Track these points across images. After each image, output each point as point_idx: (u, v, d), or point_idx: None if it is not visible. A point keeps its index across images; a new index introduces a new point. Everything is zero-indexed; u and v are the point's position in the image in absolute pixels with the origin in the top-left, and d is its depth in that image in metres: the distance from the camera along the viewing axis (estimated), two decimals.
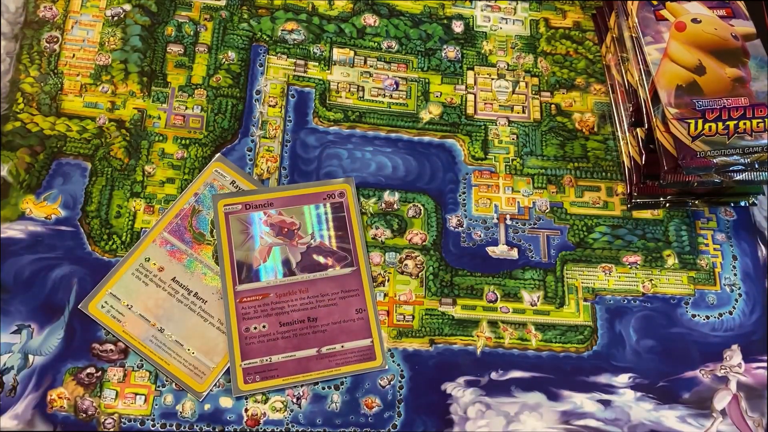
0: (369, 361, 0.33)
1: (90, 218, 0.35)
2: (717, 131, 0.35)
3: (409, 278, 0.37)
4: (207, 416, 0.33)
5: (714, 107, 0.35)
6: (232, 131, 0.38)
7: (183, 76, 0.38)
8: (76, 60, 0.38)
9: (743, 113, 0.35)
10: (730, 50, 0.37)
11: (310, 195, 0.35)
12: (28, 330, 0.33)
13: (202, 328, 0.32)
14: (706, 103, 0.35)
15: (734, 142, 0.35)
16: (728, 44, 0.37)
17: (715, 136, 0.35)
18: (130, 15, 0.39)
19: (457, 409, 0.35)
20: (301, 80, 0.39)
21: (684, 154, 0.34)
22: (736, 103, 0.35)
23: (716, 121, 0.35)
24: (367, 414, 0.34)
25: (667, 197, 0.38)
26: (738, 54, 0.37)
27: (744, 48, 0.37)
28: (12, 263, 0.34)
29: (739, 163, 0.35)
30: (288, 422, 0.33)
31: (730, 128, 0.35)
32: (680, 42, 0.37)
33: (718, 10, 0.38)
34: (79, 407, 0.32)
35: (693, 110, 0.35)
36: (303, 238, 0.34)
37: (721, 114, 0.35)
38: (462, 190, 0.39)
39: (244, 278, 0.32)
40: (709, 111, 0.35)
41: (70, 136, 0.36)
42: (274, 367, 0.32)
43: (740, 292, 0.38)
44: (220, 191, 0.33)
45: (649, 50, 0.37)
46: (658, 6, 0.38)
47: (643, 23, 0.37)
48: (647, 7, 0.38)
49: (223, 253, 0.32)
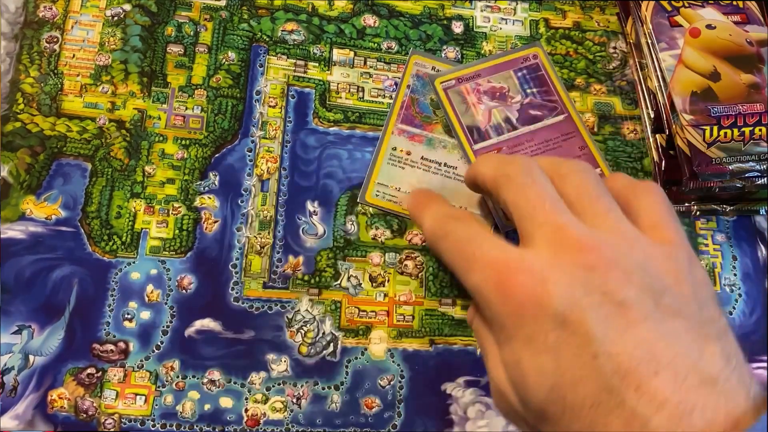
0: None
1: (90, 219, 0.35)
2: (732, 138, 0.35)
3: (409, 279, 0.37)
4: (207, 416, 0.33)
5: (729, 113, 0.35)
6: (232, 132, 0.38)
7: (183, 76, 0.38)
8: (76, 60, 0.38)
9: (758, 119, 0.35)
10: (745, 56, 0.36)
11: (508, 62, 0.39)
12: (28, 330, 0.33)
13: (461, 189, 0.37)
14: (721, 110, 0.35)
15: (749, 148, 0.35)
16: (743, 50, 0.37)
17: (730, 143, 0.35)
18: (130, 15, 0.39)
19: (457, 409, 0.35)
20: (301, 81, 0.39)
21: (699, 160, 0.34)
22: (751, 110, 0.35)
23: (731, 128, 0.35)
24: (367, 414, 0.34)
25: (692, 204, 0.38)
26: (753, 60, 0.36)
27: (759, 54, 0.37)
28: (12, 264, 0.34)
29: (754, 170, 0.35)
30: (288, 422, 0.33)
31: (746, 134, 0.35)
32: (695, 48, 0.37)
33: (732, 15, 0.38)
34: (80, 407, 0.32)
35: (708, 117, 0.35)
36: (514, 98, 0.38)
37: (737, 120, 0.35)
38: None
39: (477, 139, 0.37)
40: (724, 117, 0.35)
41: (70, 137, 0.36)
42: None
43: (740, 293, 0.38)
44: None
45: (663, 57, 0.37)
46: (673, 12, 0.38)
47: (658, 29, 0.37)
48: (661, 14, 0.38)
49: (452, 122, 0.37)
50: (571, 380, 0.23)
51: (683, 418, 0.21)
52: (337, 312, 0.36)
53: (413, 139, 0.38)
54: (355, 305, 0.36)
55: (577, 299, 0.23)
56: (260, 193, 0.37)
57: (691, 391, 0.21)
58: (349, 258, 0.37)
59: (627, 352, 0.22)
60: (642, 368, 0.22)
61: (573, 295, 0.23)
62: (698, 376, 0.22)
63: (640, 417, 0.21)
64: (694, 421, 0.21)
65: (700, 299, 0.24)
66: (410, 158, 0.38)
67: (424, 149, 0.38)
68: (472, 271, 0.26)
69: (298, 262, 0.36)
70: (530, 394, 0.24)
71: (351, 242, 0.37)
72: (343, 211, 0.37)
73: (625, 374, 0.22)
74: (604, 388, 0.22)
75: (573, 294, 0.23)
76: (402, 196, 0.37)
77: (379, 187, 0.37)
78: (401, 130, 0.38)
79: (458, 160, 0.38)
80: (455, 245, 0.27)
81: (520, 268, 0.24)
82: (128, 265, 0.35)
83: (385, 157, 0.38)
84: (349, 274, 0.36)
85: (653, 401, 0.21)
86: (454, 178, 0.38)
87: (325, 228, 0.37)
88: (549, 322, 0.23)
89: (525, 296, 0.24)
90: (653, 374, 0.22)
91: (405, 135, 0.38)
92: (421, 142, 0.38)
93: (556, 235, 0.25)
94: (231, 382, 0.34)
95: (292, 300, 0.35)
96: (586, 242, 0.24)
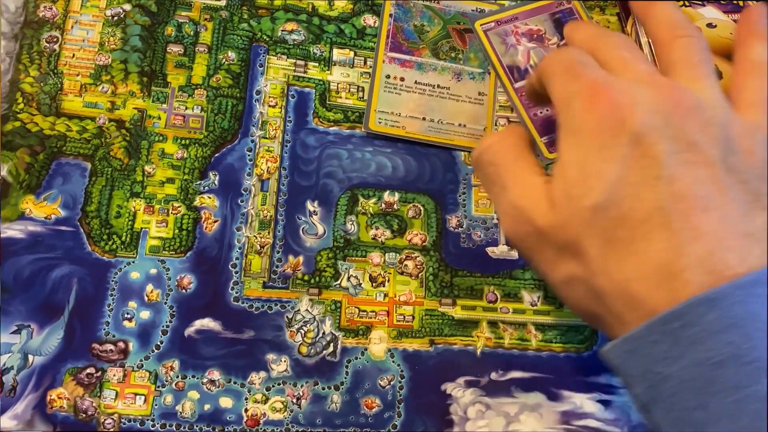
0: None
1: (90, 218, 0.35)
2: None
3: (409, 279, 0.37)
4: (207, 416, 0.33)
5: None
6: (232, 131, 0.38)
7: (183, 76, 0.38)
8: (76, 60, 0.38)
9: None
10: None
11: (544, 6, 0.40)
12: (27, 330, 0.33)
13: (458, 107, 0.39)
14: None
15: None
16: None
17: None
18: (130, 15, 0.39)
19: (457, 409, 0.35)
20: (301, 81, 0.39)
21: None
22: None
23: None
24: (367, 414, 0.34)
25: None
26: None
27: None
28: (12, 263, 0.34)
29: None
30: (288, 422, 0.33)
31: None
32: None
33: (733, 14, 0.38)
34: (79, 407, 0.32)
35: None
36: (551, 39, 0.39)
37: None
38: (462, 191, 0.39)
39: (517, 78, 0.37)
40: None
41: (69, 136, 0.36)
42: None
43: None
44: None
45: None
46: None
47: None
48: None
49: (494, 62, 0.37)
50: (631, 191, 0.24)
51: (716, 252, 0.23)
52: (337, 312, 0.36)
53: (404, 66, 0.40)
54: (355, 305, 0.36)
55: (655, 126, 0.25)
56: (260, 193, 0.37)
57: (731, 236, 0.23)
58: (349, 258, 0.37)
59: (686, 183, 0.24)
60: (694, 202, 0.23)
61: (653, 121, 0.25)
62: (741, 227, 0.23)
63: (681, 240, 0.23)
64: (726, 257, 0.23)
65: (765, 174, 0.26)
66: (404, 84, 0.39)
67: (416, 74, 0.40)
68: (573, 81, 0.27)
69: (298, 262, 0.36)
70: (589, 194, 0.25)
71: (351, 242, 0.37)
72: (343, 211, 0.37)
73: (679, 200, 0.24)
74: (657, 206, 0.24)
75: (653, 121, 0.25)
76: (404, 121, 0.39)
77: (381, 115, 0.39)
78: (391, 58, 0.40)
79: (450, 80, 0.40)
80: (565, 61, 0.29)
81: (616, 88, 0.26)
82: (128, 265, 0.35)
83: (380, 85, 0.39)
84: (349, 274, 0.36)
85: (695, 231, 0.23)
86: (449, 98, 0.39)
87: (325, 228, 0.37)
88: (625, 137, 0.25)
89: (612, 109, 0.25)
90: (702, 210, 0.23)
91: (396, 62, 0.40)
92: (412, 67, 0.40)
93: (651, 78, 0.27)
94: (231, 382, 0.34)
95: (292, 300, 0.35)
96: (677, 88, 0.26)
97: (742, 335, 0.21)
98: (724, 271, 0.22)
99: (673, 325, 0.22)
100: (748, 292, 0.22)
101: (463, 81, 0.40)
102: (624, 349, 0.23)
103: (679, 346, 0.22)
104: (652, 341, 0.23)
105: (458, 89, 0.40)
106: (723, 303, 0.22)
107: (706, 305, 0.22)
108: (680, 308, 0.22)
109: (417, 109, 0.39)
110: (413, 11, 0.41)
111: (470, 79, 0.40)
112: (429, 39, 0.40)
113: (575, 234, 0.26)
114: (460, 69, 0.40)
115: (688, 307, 0.22)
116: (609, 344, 0.24)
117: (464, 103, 0.40)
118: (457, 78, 0.40)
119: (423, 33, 0.40)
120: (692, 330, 0.22)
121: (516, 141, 0.31)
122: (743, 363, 0.21)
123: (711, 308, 0.22)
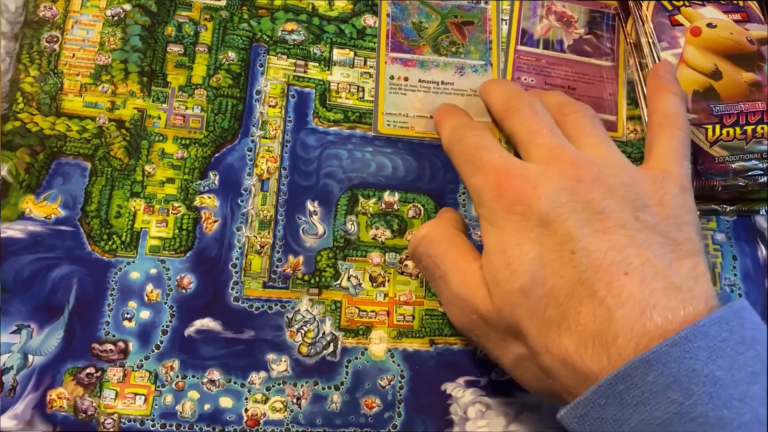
0: (610, 131, 0.37)
1: (90, 218, 0.35)
2: (735, 136, 0.35)
3: (410, 279, 0.37)
4: (207, 416, 0.33)
5: (731, 112, 0.35)
6: (232, 131, 0.38)
7: (183, 76, 0.38)
8: (76, 60, 0.38)
9: (761, 118, 0.35)
10: (746, 54, 0.37)
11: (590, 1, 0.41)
12: (27, 330, 0.33)
13: (463, 102, 0.40)
14: (723, 108, 0.35)
15: (752, 146, 0.35)
16: (744, 48, 0.37)
17: (732, 141, 0.35)
18: (130, 15, 0.39)
19: (457, 409, 0.35)
20: (301, 81, 0.39)
21: (702, 159, 0.34)
22: (753, 108, 0.35)
23: (734, 126, 0.35)
24: (367, 414, 0.34)
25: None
26: (754, 58, 0.37)
27: (760, 52, 0.37)
28: (12, 263, 0.34)
29: (757, 168, 0.35)
30: (288, 422, 0.33)
31: (748, 133, 0.35)
32: (696, 47, 0.37)
33: (733, 14, 0.38)
34: (79, 407, 0.32)
35: (710, 115, 0.35)
36: (578, 29, 0.40)
37: (739, 119, 0.35)
38: (462, 191, 0.39)
39: (524, 42, 0.39)
40: (726, 116, 0.35)
41: (69, 136, 0.36)
42: None
43: (740, 293, 0.38)
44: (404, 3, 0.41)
45: (665, 56, 0.37)
46: (673, 11, 0.38)
47: (659, 29, 0.37)
48: (662, 13, 0.38)
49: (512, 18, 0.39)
50: (551, 269, 0.25)
51: (645, 312, 0.23)
52: (337, 312, 0.36)
53: (407, 65, 0.40)
54: (355, 305, 0.36)
55: (561, 203, 0.26)
56: (260, 193, 0.37)
57: (655, 293, 0.24)
58: (349, 258, 0.37)
59: (602, 252, 0.25)
60: (614, 267, 0.25)
61: (558, 199, 0.26)
62: (664, 281, 0.24)
63: (608, 308, 0.24)
64: (654, 317, 0.23)
65: (680, 222, 0.27)
66: (408, 83, 0.39)
67: (420, 72, 0.40)
68: (477, 172, 0.29)
69: (298, 262, 0.36)
70: (514, 278, 0.26)
71: (351, 242, 0.37)
72: (343, 211, 0.37)
73: (598, 270, 0.25)
74: (578, 280, 0.25)
75: (558, 198, 0.26)
76: (412, 121, 0.39)
77: (389, 117, 0.39)
78: (393, 59, 0.40)
79: (453, 75, 0.40)
80: (466, 150, 0.31)
81: (518, 174, 0.28)
82: (128, 265, 0.35)
83: (385, 87, 0.39)
84: (349, 274, 0.36)
85: (620, 296, 0.24)
86: (454, 94, 0.39)
87: (325, 228, 0.37)
88: (535, 220, 0.26)
89: (517, 196, 0.27)
90: (623, 273, 0.24)
91: (398, 62, 0.40)
92: (415, 65, 0.40)
93: (552, 152, 0.28)
94: (231, 382, 0.34)
95: (292, 300, 0.35)
96: (576, 160, 0.28)
97: (683, 392, 0.22)
98: (654, 331, 0.23)
99: (618, 388, 0.22)
100: (683, 349, 0.22)
101: (466, 75, 0.40)
102: (576, 414, 0.24)
103: (626, 407, 0.22)
104: (600, 405, 0.23)
105: (462, 84, 0.40)
106: (659, 363, 0.22)
107: (644, 367, 0.22)
108: (621, 371, 0.22)
109: (423, 108, 0.39)
110: (410, 9, 0.41)
111: (473, 73, 0.40)
112: (428, 35, 0.40)
113: (514, 317, 0.26)
114: (462, 63, 0.40)
115: (628, 369, 0.22)
116: (562, 410, 0.24)
117: (469, 97, 0.40)
118: (459, 72, 0.40)
119: (422, 30, 0.41)
120: (636, 391, 0.22)
121: (447, 227, 0.32)
122: (689, 420, 0.21)
123: (649, 369, 0.22)
